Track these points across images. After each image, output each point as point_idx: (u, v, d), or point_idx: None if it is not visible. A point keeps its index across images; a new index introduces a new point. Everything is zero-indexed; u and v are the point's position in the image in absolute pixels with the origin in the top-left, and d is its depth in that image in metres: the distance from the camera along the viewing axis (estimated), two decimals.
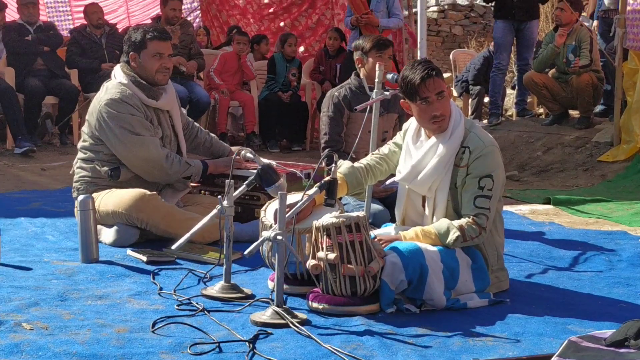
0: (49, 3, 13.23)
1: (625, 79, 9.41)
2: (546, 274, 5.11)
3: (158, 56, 5.71)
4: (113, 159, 5.65)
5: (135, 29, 5.85)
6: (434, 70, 4.41)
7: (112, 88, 5.66)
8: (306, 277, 4.42)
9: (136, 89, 5.64)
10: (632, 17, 9.19)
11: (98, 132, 5.62)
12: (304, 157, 10.20)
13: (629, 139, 9.31)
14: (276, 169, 4.77)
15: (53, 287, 4.47)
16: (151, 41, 5.71)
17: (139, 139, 5.55)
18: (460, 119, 4.48)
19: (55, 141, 10.61)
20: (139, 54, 5.71)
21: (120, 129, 5.54)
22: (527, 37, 11.32)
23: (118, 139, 5.56)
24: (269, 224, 4.39)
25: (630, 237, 6.15)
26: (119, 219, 5.50)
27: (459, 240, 4.32)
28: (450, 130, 4.45)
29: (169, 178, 5.76)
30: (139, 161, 5.62)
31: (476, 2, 20.84)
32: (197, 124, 6.31)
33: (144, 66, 5.71)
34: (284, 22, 13.20)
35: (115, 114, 5.54)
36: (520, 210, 7.31)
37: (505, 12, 11.13)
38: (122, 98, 5.58)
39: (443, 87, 4.44)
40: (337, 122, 6.32)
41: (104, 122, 5.57)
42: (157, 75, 5.72)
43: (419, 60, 4.83)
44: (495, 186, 4.39)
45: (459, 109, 4.59)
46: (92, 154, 5.69)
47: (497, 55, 11.47)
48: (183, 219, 5.46)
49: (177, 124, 5.91)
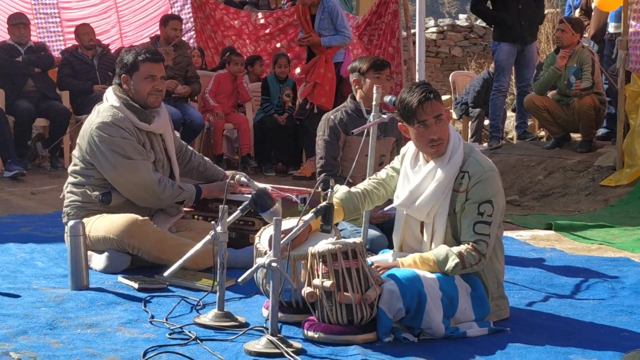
0: (40, 23, 13.19)
1: (627, 101, 9.36)
2: (548, 302, 5.05)
3: (150, 78, 5.65)
4: (104, 184, 5.57)
5: (127, 51, 5.79)
6: (432, 93, 4.36)
7: (104, 111, 5.59)
8: (301, 305, 4.35)
9: (128, 112, 5.57)
10: (634, 40, 9.14)
11: (89, 156, 5.55)
12: (300, 181, 10.13)
13: (632, 163, 9.24)
14: (271, 194, 4.71)
15: (42, 315, 4.40)
16: (143, 63, 5.64)
17: (130, 163, 5.47)
18: (459, 143, 4.43)
19: (46, 164, 10.53)
20: (130, 76, 5.64)
21: (111, 153, 5.46)
22: (528, 58, 11.30)
23: (109, 163, 5.48)
24: (264, 250, 4.35)
25: (634, 264, 6.07)
26: (110, 245, 5.41)
27: (458, 267, 4.25)
28: (448, 155, 4.40)
29: (161, 203, 5.67)
30: (131, 186, 5.54)
31: (476, 23, 20.85)
32: (191, 148, 6.24)
33: (136, 88, 5.64)
34: (280, 43, 13.16)
35: (106, 138, 5.47)
36: (521, 236, 7.24)
37: (514, 36, 11.07)
38: (114, 121, 5.50)
39: (441, 110, 4.38)
40: (333, 146, 6.24)
41: (95, 145, 5.49)
42: (149, 98, 5.66)
43: (417, 82, 4.77)
44: (495, 212, 4.32)
45: (457, 133, 4.54)
46: (83, 178, 5.61)
47: (499, 77, 11.42)
48: (175, 245, 5.38)
49: (170, 147, 5.83)
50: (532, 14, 11.08)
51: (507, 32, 11.14)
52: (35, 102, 10.17)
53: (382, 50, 11.96)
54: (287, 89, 11.49)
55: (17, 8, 12.45)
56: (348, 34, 10.40)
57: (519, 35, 11.06)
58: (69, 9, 13.40)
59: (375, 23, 12.19)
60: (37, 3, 13.16)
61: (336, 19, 10.23)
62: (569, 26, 10.40)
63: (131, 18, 13.46)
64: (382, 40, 12.00)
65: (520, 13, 11.00)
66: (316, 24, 10.34)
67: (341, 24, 10.25)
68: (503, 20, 11.11)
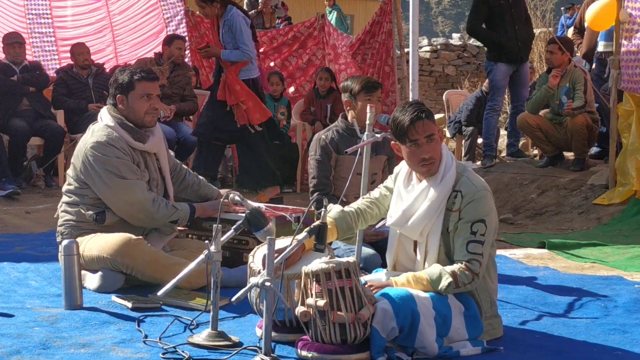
0: (35, 42, 13.18)
1: (620, 120, 9.38)
2: (541, 321, 5.04)
3: (146, 97, 5.67)
4: (98, 203, 5.58)
5: (121, 71, 5.79)
6: (424, 112, 4.37)
7: (99, 131, 5.60)
8: (295, 324, 4.34)
9: (123, 131, 5.58)
10: (626, 59, 9.17)
11: (83, 176, 5.55)
12: (294, 199, 10.12)
13: (624, 181, 9.25)
14: (265, 213, 4.70)
15: (35, 334, 4.39)
16: (139, 82, 5.66)
17: (125, 183, 5.48)
18: (451, 163, 4.44)
19: (40, 183, 10.49)
20: (126, 95, 5.66)
21: (106, 173, 5.46)
22: (523, 77, 11.34)
23: (104, 183, 5.48)
24: (257, 269, 4.34)
25: (626, 283, 6.07)
26: (103, 264, 5.41)
27: (451, 286, 4.26)
28: (441, 174, 4.41)
29: (155, 222, 5.67)
30: (125, 205, 5.54)
31: (469, 42, 20.92)
32: (185, 167, 6.24)
33: (132, 108, 5.65)
34: (274, 62, 13.17)
35: (101, 157, 5.47)
36: (515, 254, 7.23)
37: (511, 56, 11.13)
38: (109, 141, 5.51)
39: (433, 130, 4.39)
40: (325, 165, 6.25)
41: (89, 165, 5.50)
42: (145, 117, 5.67)
43: (410, 101, 4.79)
44: (488, 231, 4.33)
45: (450, 152, 4.55)
46: (77, 198, 5.61)
47: (494, 97, 11.45)
48: (169, 264, 5.37)
49: (164, 166, 5.84)
50: (526, 34, 11.15)
51: (503, 53, 11.18)
52: (30, 121, 10.16)
53: (377, 69, 11.97)
54: (282, 107, 11.50)
55: (12, 27, 12.45)
56: (248, 49, 10.00)
57: (515, 55, 11.11)
58: (64, 28, 13.39)
59: (369, 42, 12.19)
60: (32, 22, 13.16)
61: (236, 33, 10.00)
62: (557, 46, 10.42)
63: (126, 37, 13.45)
64: (377, 59, 12.00)
65: (516, 33, 11.06)
66: (220, 36, 10.16)
67: (240, 38, 9.93)
68: (500, 41, 11.16)
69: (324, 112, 11.57)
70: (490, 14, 11.17)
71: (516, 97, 11.56)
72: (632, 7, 9.03)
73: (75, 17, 13.43)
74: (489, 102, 11.59)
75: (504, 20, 11.09)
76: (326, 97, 11.59)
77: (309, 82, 12.74)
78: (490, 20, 11.22)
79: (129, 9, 13.32)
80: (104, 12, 13.40)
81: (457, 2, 72.34)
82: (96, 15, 13.43)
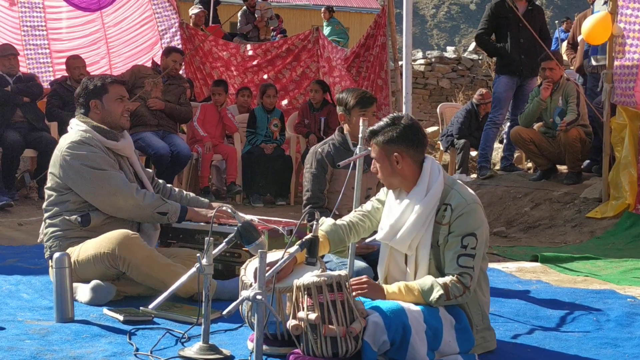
0: (30, 54, 13.20)
1: (613, 134, 9.40)
2: (533, 335, 5.04)
3: (120, 99, 5.83)
4: (81, 207, 5.62)
5: (89, 79, 5.94)
6: (373, 132, 4.54)
7: (71, 135, 5.75)
8: (287, 337, 4.33)
9: (95, 133, 5.71)
10: (619, 73, 9.20)
11: (63, 179, 5.61)
12: (288, 212, 10.12)
13: (617, 195, 9.27)
14: (256, 226, 4.69)
15: (26, 347, 4.36)
16: (112, 85, 5.84)
17: (104, 174, 5.56)
18: (438, 175, 4.44)
19: (33, 195, 10.50)
20: (100, 99, 5.79)
21: (84, 168, 5.55)
22: (526, 93, 11.32)
23: (83, 178, 5.55)
24: (249, 282, 4.32)
25: (619, 296, 6.07)
26: (100, 262, 5.38)
27: (442, 298, 4.25)
28: (424, 187, 4.42)
29: (142, 212, 5.68)
30: (109, 196, 5.58)
31: (464, 55, 20.95)
32: (169, 185, 6.28)
33: (108, 110, 5.81)
34: (267, 74, 13.20)
35: (77, 154, 5.57)
36: (507, 267, 7.23)
37: (513, 69, 11.18)
38: (83, 139, 5.64)
39: (375, 152, 4.55)
40: (320, 179, 6.24)
41: (67, 164, 5.58)
42: (121, 119, 5.83)
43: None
44: (479, 245, 4.32)
45: (438, 164, 4.54)
46: (58, 207, 5.65)
47: (495, 109, 11.48)
48: (164, 263, 5.40)
49: (138, 170, 5.94)
50: (533, 49, 11.12)
51: (506, 65, 11.25)
52: (23, 133, 10.15)
53: (371, 82, 11.99)
54: (275, 119, 11.52)
55: (7, 39, 12.47)
56: None
57: (517, 68, 11.16)
58: (58, 40, 13.42)
59: (364, 55, 12.21)
60: (27, 34, 13.18)
61: None
62: (555, 62, 10.45)
63: (121, 49, 13.48)
64: (371, 72, 12.02)
65: (521, 47, 11.10)
66: None
67: None
68: (504, 53, 11.21)
69: (317, 125, 11.58)
70: (498, 25, 11.27)
71: (514, 112, 11.57)
72: (625, 21, 9.06)
73: (69, 30, 13.47)
74: (491, 114, 11.63)
75: (509, 33, 11.19)
76: (320, 109, 11.60)
77: (303, 95, 12.78)
78: (497, 32, 11.38)
79: (124, 21, 13.36)
80: (99, 24, 13.43)
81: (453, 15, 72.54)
82: (90, 28, 13.47)
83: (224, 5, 18.23)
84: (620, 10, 9.10)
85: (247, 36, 17.72)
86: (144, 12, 13.19)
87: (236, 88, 12.81)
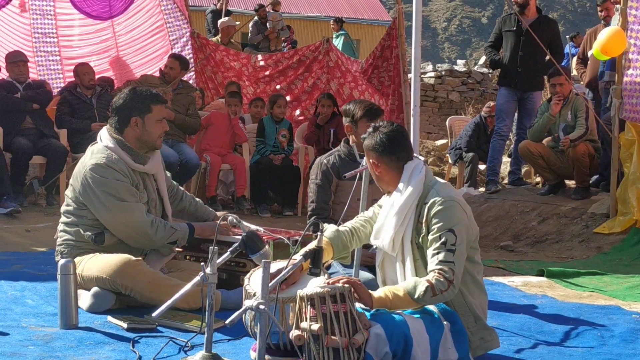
0: (40, 61, 13.26)
1: (622, 150, 9.38)
2: (536, 349, 5.02)
3: (161, 121, 5.72)
4: (97, 224, 5.57)
5: (132, 91, 5.76)
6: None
7: (98, 152, 5.60)
8: (289, 347, 4.31)
9: (123, 153, 5.58)
10: (629, 88, 9.19)
11: (82, 197, 5.55)
12: (295, 222, 10.12)
13: (625, 210, 9.26)
14: (261, 236, 4.70)
15: (29, 353, 4.37)
16: (155, 105, 5.70)
17: (124, 205, 5.47)
18: (417, 175, 4.49)
19: (42, 202, 10.52)
20: (142, 118, 5.65)
21: (104, 195, 5.46)
22: (528, 107, 11.34)
23: (102, 205, 5.48)
24: (253, 292, 4.32)
25: (624, 312, 6.06)
26: (102, 285, 5.39)
27: (428, 292, 4.20)
28: (402, 187, 4.50)
29: (153, 244, 5.67)
30: (123, 227, 5.54)
31: (474, 68, 20.95)
32: (182, 188, 6.24)
33: (148, 131, 5.66)
34: (279, 85, 13.20)
35: (100, 180, 5.47)
36: (513, 282, 7.22)
37: (509, 80, 11.24)
38: (108, 163, 5.51)
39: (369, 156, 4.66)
40: (325, 190, 6.25)
41: (88, 187, 5.50)
42: (158, 140, 5.72)
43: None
44: (459, 241, 4.31)
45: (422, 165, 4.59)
46: (76, 219, 5.60)
47: (499, 121, 11.54)
48: (168, 285, 5.35)
49: (162, 187, 5.84)
50: (533, 63, 11.14)
51: (503, 77, 11.35)
52: (32, 140, 10.19)
53: (392, 91, 12.07)
54: (283, 129, 11.51)
55: (18, 46, 12.53)
56: None
57: (512, 80, 11.18)
58: (69, 47, 13.48)
59: (383, 66, 12.27)
60: (37, 41, 13.24)
61: None
62: (564, 77, 10.45)
63: (131, 57, 13.54)
64: (392, 82, 12.09)
65: (519, 60, 11.10)
66: None
67: None
68: (501, 64, 11.30)
69: (327, 137, 11.57)
70: (502, 38, 11.43)
71: (519, 126, 11.61)
72: (634, 37, 9.05)
73: (81, 37, 13.55)
74: (495, 126, 11.66)
75: (509, 46, 11.25)
76: (329, 121, 11.57)
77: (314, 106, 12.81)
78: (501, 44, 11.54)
79: (135, 29, 13.42)
80: (110, 33, 13.50)
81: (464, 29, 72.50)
82: (102, 36, 13.54)
83: (236, 16, 18.23)
84: (631, 26, 9.09)
85: (258, 47, 17.75)
86: (155, 21, 13.25)
87: (249, 98, 12.83)
